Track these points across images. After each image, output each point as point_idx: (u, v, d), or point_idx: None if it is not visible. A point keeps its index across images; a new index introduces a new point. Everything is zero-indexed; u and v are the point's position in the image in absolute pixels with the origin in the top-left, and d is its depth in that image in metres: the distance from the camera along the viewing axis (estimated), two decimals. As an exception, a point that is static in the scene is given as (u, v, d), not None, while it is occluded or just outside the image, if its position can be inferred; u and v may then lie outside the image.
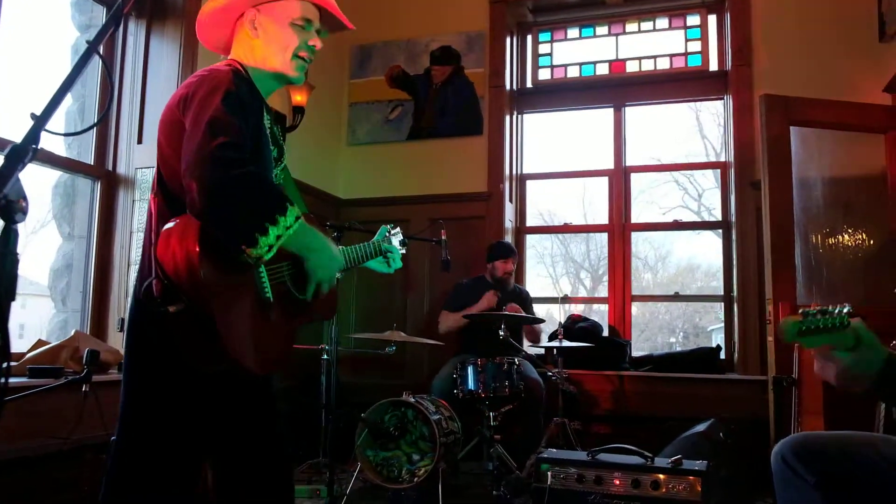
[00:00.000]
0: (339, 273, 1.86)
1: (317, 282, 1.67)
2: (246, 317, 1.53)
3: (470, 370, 3.56)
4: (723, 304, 4.71)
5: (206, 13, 1.75)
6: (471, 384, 3.54)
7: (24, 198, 1.03)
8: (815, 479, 1.60)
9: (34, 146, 1.03)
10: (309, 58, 1.76)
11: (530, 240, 5.37)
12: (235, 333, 1.49)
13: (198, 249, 1.43)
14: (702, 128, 7.55)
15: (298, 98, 4.42)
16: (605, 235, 5.04)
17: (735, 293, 4.44)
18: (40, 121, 1.05)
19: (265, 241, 1.45)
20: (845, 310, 1.24)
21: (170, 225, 1.49)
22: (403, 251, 2.18)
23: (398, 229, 2.19)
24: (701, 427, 3.56)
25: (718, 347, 4.53)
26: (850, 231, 3.72)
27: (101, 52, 1.38)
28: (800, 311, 1.24)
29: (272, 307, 1.60)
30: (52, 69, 3.60)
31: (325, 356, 3.56)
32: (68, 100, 3.56)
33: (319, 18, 1.79)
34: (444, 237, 3.44)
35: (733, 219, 4.48)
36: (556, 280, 8.92)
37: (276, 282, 1.62)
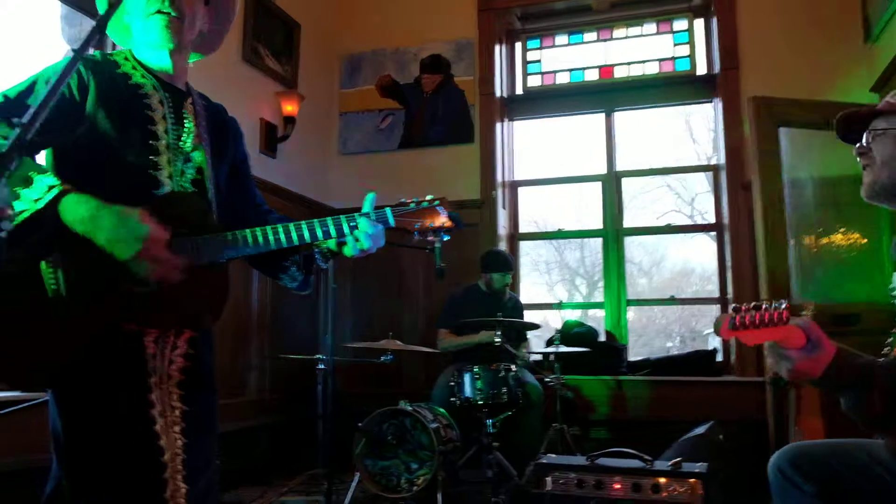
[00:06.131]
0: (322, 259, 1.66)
1: (125, 260, 1.33)
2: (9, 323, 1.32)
3: (467, 378, 3.54)
4: (718, 306, 4.72)
5: None
6: (468, 391, 3.52)
7: (10, 206, 1.02)
8: (815, 489, 1.61)
9: (20, 154, 1.02)
10: (167, 12, 1.51)
11: (525, 247, 5.37)
12: None
13: None
14: (692, 132, 7.59)
15: (289, 108, 4.42)
16: (599, 241, 5.05)
17: (730, 295, 4.44)
18: (26, 128, 1.04)
19: None
20: (783, 305, 1.16)
21: None
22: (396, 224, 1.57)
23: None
24: (700, 429, 3.55)
25: (715, 350, 4.53)
26: (842, 230, 3.72)
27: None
28: (732, 307, 1.19)
29: (58, 304, 1.32)
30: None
31: (321, 366, 3.54)
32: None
33: None
34: (437, 245, 3.44)
35: (726, 221, 4.49)
36: (552, 287, 8.91)
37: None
